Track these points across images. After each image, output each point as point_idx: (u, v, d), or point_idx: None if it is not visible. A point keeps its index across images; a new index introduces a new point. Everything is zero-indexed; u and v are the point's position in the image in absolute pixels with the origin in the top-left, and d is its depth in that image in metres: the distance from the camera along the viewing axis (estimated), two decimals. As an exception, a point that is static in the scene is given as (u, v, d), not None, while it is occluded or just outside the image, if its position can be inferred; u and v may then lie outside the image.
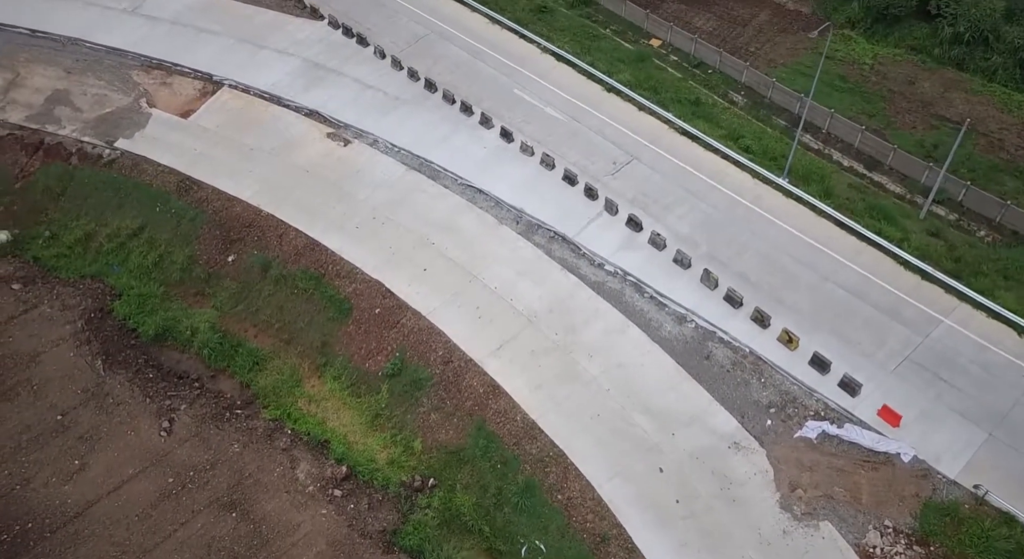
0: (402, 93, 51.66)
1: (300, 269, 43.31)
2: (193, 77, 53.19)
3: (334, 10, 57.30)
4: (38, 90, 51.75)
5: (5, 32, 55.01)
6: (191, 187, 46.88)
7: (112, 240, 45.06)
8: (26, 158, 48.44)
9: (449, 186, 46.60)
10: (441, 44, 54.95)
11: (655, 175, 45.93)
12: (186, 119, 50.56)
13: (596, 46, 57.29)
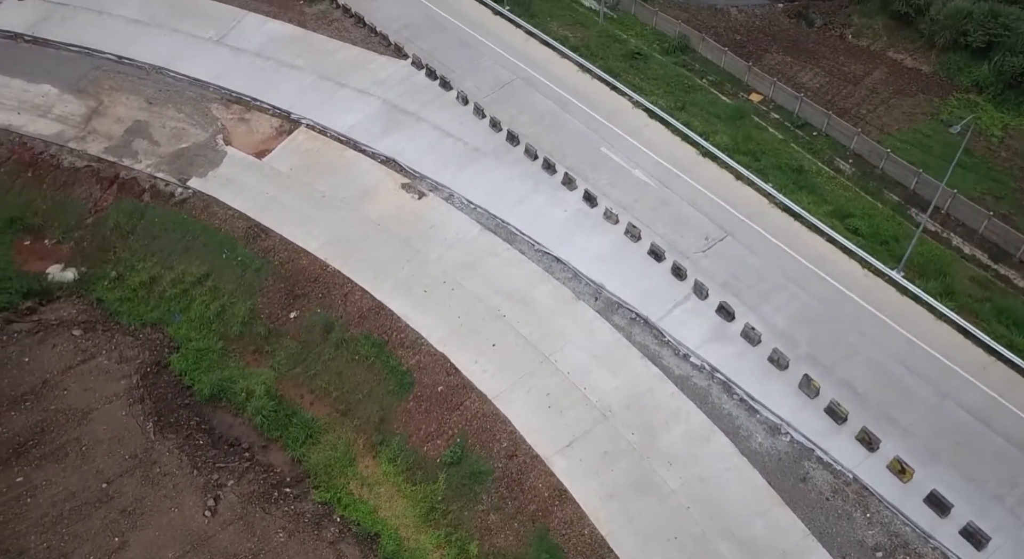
0: (482, 144, 48.22)
1: (363, 334, 40.27)
2: (272, 114, 50.94)
3: (419, 49, 54.31)
4: (119, 120, 50.30)
5: (93, 57, 53.87)
6: (259, 234, 44.44)
7: (176, 286, 42.94)
8: (100, 192, 46.90)
9: (525, 252, 42.87)
10: (526, 92, 51.30)
11: (751, 256, 41.19)
12: (261, 159, 48.26)
13: (691, 99, 52.74)
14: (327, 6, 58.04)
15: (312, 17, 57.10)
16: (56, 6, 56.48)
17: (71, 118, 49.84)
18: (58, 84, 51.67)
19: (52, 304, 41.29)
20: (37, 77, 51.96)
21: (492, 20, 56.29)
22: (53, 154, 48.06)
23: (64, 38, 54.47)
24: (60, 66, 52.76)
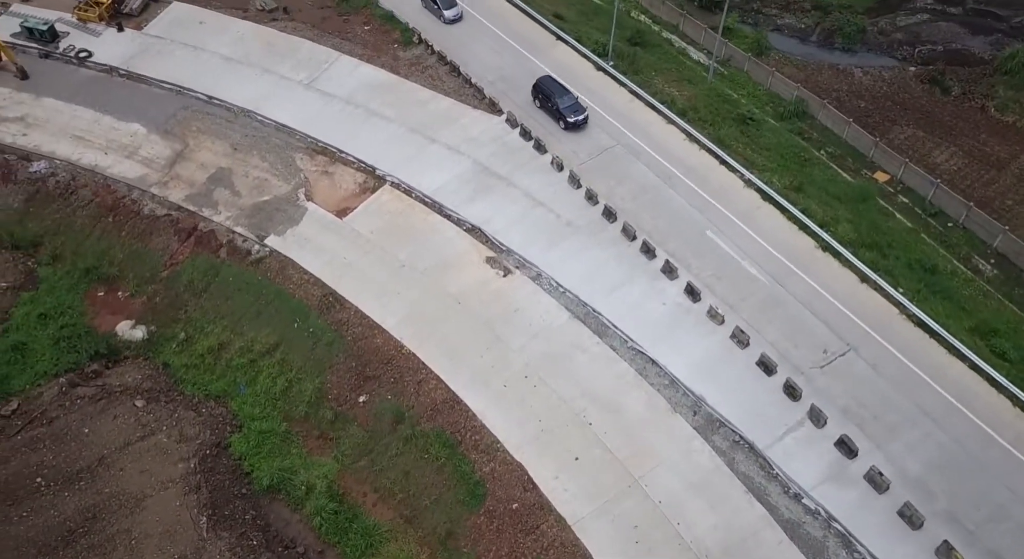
0: (576, 217, 43.85)
1: (435, 430, 36.45)
2: (356, 167, 47.82)
3: (514, 104, 50.35)
4: (202, 166, 48.07)
5: (184, 96, 51.96)
6: (334, 304, 41.24)
7: (244, 354, 40.09)
8: (178, 244, 44.64)
9: (617, 348, 38.28)
10: (627, 160, 46.67)
11: (878, 378, 35.53)
12: (342, 219, 45.13)
13: (808, 175, 47.16)
14: (422, 51, 54.75)
15: (406, 62, 53.91)
16: (154, 40, 54.94)
17: (156, 161, 47.90)
18: (147, 123, 49.88)
19: (118, 367, 39.02)
20: (127, 115, 50.30)
21: (594, 76, 51.90)
22: (135, 199, 46.12)
23: (157, 74, 52.76)
24: (151, 104, 51.01)
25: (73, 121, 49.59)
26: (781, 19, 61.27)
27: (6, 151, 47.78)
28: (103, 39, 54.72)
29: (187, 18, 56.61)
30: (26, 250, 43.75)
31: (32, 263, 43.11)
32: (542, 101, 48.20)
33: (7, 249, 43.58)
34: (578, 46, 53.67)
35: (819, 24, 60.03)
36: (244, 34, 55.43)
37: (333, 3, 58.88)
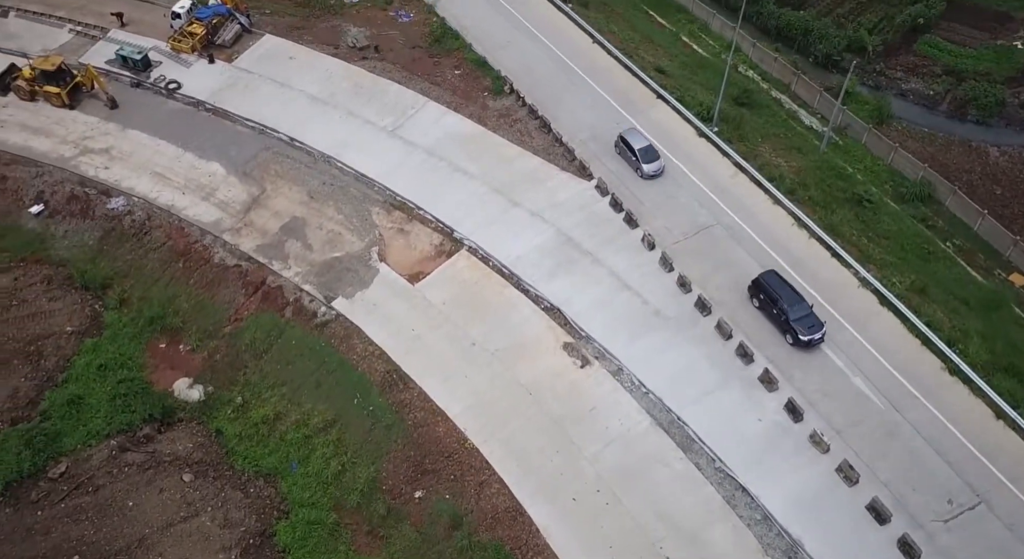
0: (666, 306, 39.65)
1: (494, 542, 32.87)
2: (434, 227, 44.85)
3: (606, 169, 46.51)
4: (277, 214, 46.01)
5: (267, 136, 50.19)
6: (397, 383, 38.24)
7: (300, 428, 37.51)
8: (244, 298, 42.59)
9: (703, 467, 33.91)
10: (727, 244, 42.15)
11: (1016, 543, 30.04)
12: (414, 284, 42.19)
13: (932, 272, 41.60)
14: (513, 102, 51.49)
15: (495, 113, 50.75)
16: (243, 73, 53.51)
17: (232, 205, 46.12)
18: (227, 163, 48.25)
19: (170, 431, 37.04)
20: (209, 153, 48.81)
21: (696, 143, 47.53)
22: (207, 245, 44.37)
23: (242, 111, 51.19)
24: (233, 142, 49.40)
25: (155, 157, 48.37)
26: (907, 83, 55.38)
27: (88, 184, 46.80)
28: (193, 70, 53.59)
29: (278, 52, 55.00)
30: (95, 291, 42.39)
31: (99, 306, 41.74)
32: (762, 303, 37.86)
33: (77, 289, 42.31)
34: (679, 107, 49.36)
35: (950, 92, 53.90)
36: (333, 72, 53.39)
37: (425, 43, 56.33)
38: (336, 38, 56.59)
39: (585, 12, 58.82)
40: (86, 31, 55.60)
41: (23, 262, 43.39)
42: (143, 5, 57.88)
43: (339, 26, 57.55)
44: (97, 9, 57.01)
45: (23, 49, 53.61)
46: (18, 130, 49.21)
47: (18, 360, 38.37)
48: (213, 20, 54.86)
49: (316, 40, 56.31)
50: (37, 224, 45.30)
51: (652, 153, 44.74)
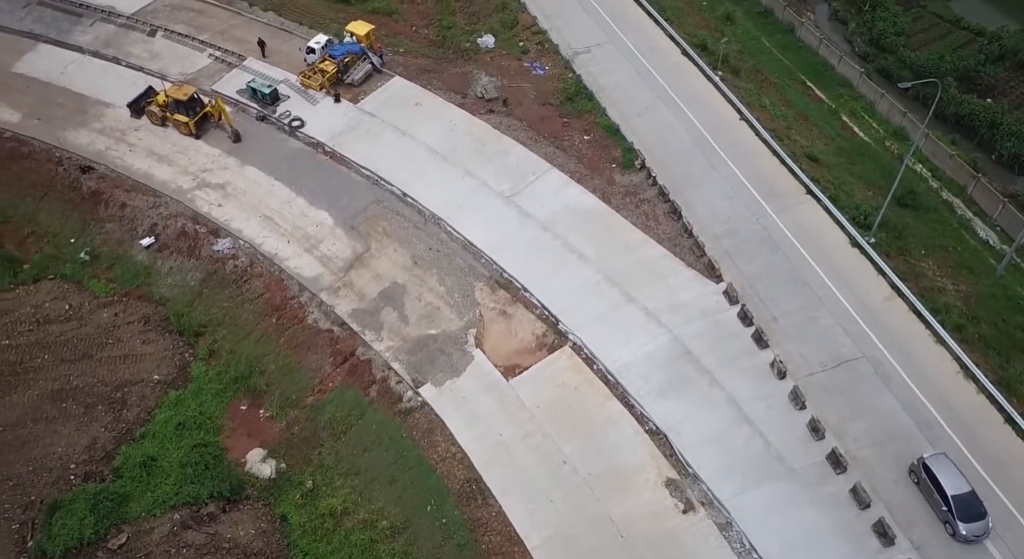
0: (792, 453, 34.10)
1: None
2: (538, 314, 41.07)
3: (738, 271, 41.26)
4: (378, 277, 43.55)
5: (379, 187, 48.00)
6: (476, 496, 34.67)
7: (367, 529, 34.60)
8: (331, 367, 40.31)
9: None
10: (874, 385, 36.04)
11: None
12: (508, 379, 38.55)
13: None
14: (642, 179, 47.04)
15: (621, 190, 46.47)
16: (366, 117, 51.67)
17: (334, 261, 44.08)
18: (336, 213, 46.33)
19: (235, 512, 34.98)
20: (320, 199, 47.08)
21: (848, 254, 41.57)
22: (303, 303, 42.46)
23: (359, 157, 49.27)
24: (345, 191, 47.50)
25: (268, 198, 47.10)
26: (1114, 202, 46.84)
27: (199, 221, 46.02)
28: (318, 108, 52.24)
29: (404, 96, 52.87)
30: (188, 338, 41.24)
31: (189, 355, 40.52)
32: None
33: (171, 333, 41.32)
34: (831, 208, 43.37)
35: None
36: (456, 124, 50.67)
37: (557, 101, 52.74)
38: (465, 86, 53.91)
39: (735, 80, 53.57)
40: (224, 57, 55.41)
41: (126, 297, 42.86)
42: (281, 34, 57.30)
43: (470, 73, 54.88)
44: (239, 35, 56.84)
45: (163, 70, 53.92)
46: (144, 156, 49.18)
47: (103, 406, 37.52)
48: (345, 58, 53.38)
49: (445, 86, 53.83)
50: (146, 257, 44.83)
51: (975, 506, 30.44)
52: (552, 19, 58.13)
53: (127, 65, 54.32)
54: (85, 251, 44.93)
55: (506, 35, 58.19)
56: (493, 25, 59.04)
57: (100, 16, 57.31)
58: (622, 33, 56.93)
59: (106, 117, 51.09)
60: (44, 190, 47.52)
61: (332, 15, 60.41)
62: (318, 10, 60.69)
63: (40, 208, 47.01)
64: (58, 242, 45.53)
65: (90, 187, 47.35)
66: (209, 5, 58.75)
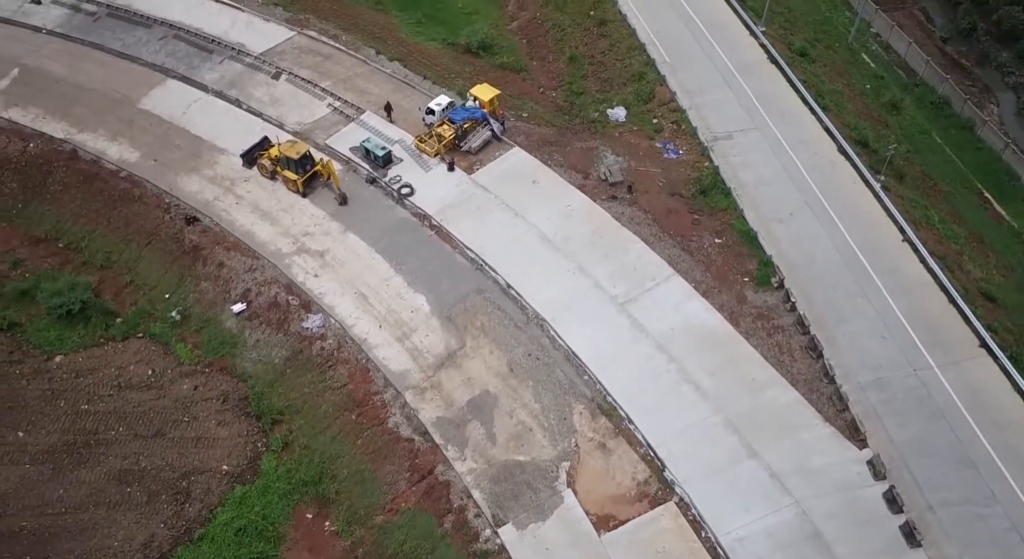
0: None
1: None
2: (642, 454, 35.94)
3: (890, 440, 34.69)
4: (469, 382, 39.62)
5: (483, 274, 44.15)
6: None
7: None
8: (407, 484, 36.64)
9: None
10: (1057, 630, 28.74)
11: None
12: (600, 533, 33.62)
13: None
14: (779, 301, 41.03)
15: (751, 311, 40.62)
16: (478, 190, 48.10)
17: (425, 356, 40.54)
18: (433, 300, 42.83)
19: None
20: (418, 281, 43.74)
21: (1030, 439, 34.01)
22: (386, 402, 39.14)
23: (466, 236, 45.69)
24: (447, 273, 43.97)
25: (365, 273, 44.16)
26: None
27: (293, 291, 43.63)
28: (430, 175, 49.09)
29: (522, 171, 48.94)
30: (264, 424, 38.64)
31: (262, 445, 37.90)
32: None
33: (248, 415, 38.89)
34: (1012, 371, 36.01)
35: None
36: (574, 210, 46.22)
37: (688, 193, 47.41)
38: (589, 164, 49.40)
39: (899, 188, 46.52)
40: (343, 108, 53.26)
41: (209, 367, 40.83)
42: (404, 88, 54.69)
43: (595, 149, 50.33)
44: (361, 85, 54.62)
45: (282, 118, 52.32)
46: (249, 210, 47.42)
47: (166, 496, 35.33)
48: (465, 124, 49.95)
49: (566, 162, 49.53)
50: (235, 324, 42.76)
51: None
52: (693, 96, 52.75)
53: (247, 109, 52.93)
54: (177, 310, 43.31)
55: (639, 109, 53.33)
56: (627, 96, 54.30)
57: (230, 54, 56.41)
58: (770, 119, 50.86)
59: (219, 164, 49.74)
60: (149, 238, 46.42)
61: (458, 68, 57.39)
62: (445, 62, 57.79)
63: (142, 256, 45.90)
64: (153, 296, 44.16)
65: (192, 241, 45.86)
66: (336, 50, 56.86)
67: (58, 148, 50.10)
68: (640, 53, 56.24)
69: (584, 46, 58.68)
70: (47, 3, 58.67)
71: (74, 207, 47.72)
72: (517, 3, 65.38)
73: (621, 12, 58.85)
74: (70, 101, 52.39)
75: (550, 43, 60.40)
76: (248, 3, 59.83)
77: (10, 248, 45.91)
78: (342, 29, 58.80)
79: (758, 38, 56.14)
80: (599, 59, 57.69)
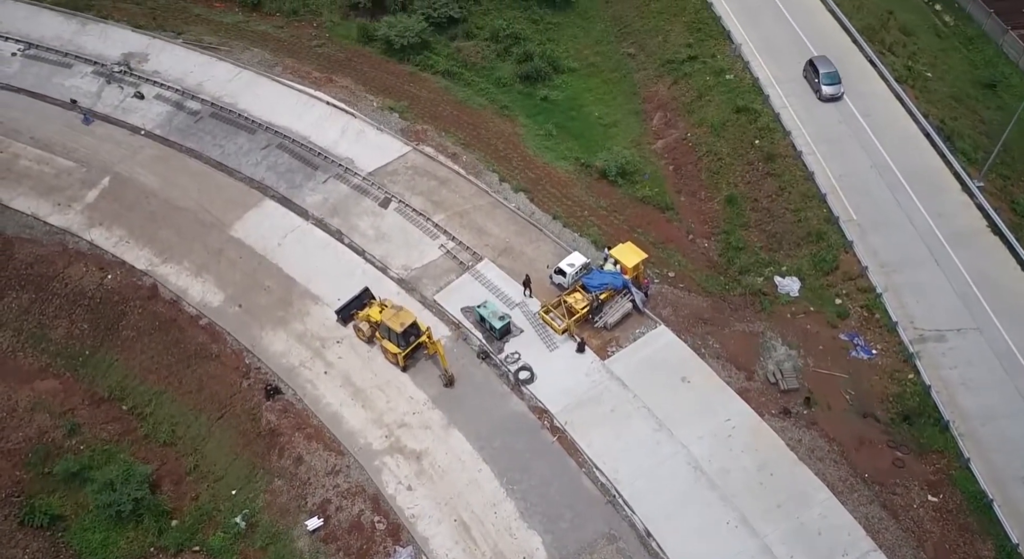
0: None
1: None
2: None
3: None
4: None
5: (617, 512, 34.74)
6: None
7: None
8: None
9: None
10: None
11: None
12: None
13: None
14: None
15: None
16: (612, 383, 39.06)
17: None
18: (550, 543, 33.93)
19: None
20: (535, 512, 34.94)
21: None
22: None
23: (594, 451, 36.72)
24: (569, 504, 34.96)
25: (469, 491, 35.60)
26: None
27: (380, 509, 35.80)
28: (555, 356, 40.24)
29: (668, 361, 39.46)
30: None
31: None
32: None
33: None
34: None
35: None
36: (735, 427, 36.47)
37: (887, 416, 36.82)
38: (753, 356, 39.27)
39: None
40: (457, 252, 45.14)
41: (271, 606, 32.82)
42: (528, 229, 46.17)
43: (761, 335, 40.17)
44: (480, 222, 46.50)
45: (387, 258, 44.90)
46: (339, 385, 39.71)
47: None
48: (601, 294, 40.73)
49: (724, 352, 39.60)
50: (308, 545, 34.93)
51: None
52: (890, 272, 41.77)
53: (349, 244, 45.71)
54: (243, 514, 35.88)
55: (818, 282, 42.77)
56: (801, 261, 43.82)
57: (336, 171, 49.52)
58: (997, 317, 39.37)
59: (310, 317, 42.42)
60: (222, 409, 39.40)
61: (592, 202, 48.49)
62: (577, 193, 48.99)
63: (211, 434, 38.91)
64: (218, 491, 36.94)
65: (270, 421, 38.52)
66: (455, 174, 49.05)
67: (137, 282, 44.07)
68: (819, 204, 45.72)
69: (746, 185, 48.61)
70: (150, 97, 53.53)
71: (145, 360, 41.28)
72: (663, 118, 56.02)
73: (795, 147, 48.44)
74: (158, 222, 46.53)
75: (702, 174, 50.64)
76: (362, 105, 52.98)
77: (70, 408, 39.81)
78: (462, 145, 51.03)
79: (974, 196, 44.55)
80: (765, 205, 47.43)
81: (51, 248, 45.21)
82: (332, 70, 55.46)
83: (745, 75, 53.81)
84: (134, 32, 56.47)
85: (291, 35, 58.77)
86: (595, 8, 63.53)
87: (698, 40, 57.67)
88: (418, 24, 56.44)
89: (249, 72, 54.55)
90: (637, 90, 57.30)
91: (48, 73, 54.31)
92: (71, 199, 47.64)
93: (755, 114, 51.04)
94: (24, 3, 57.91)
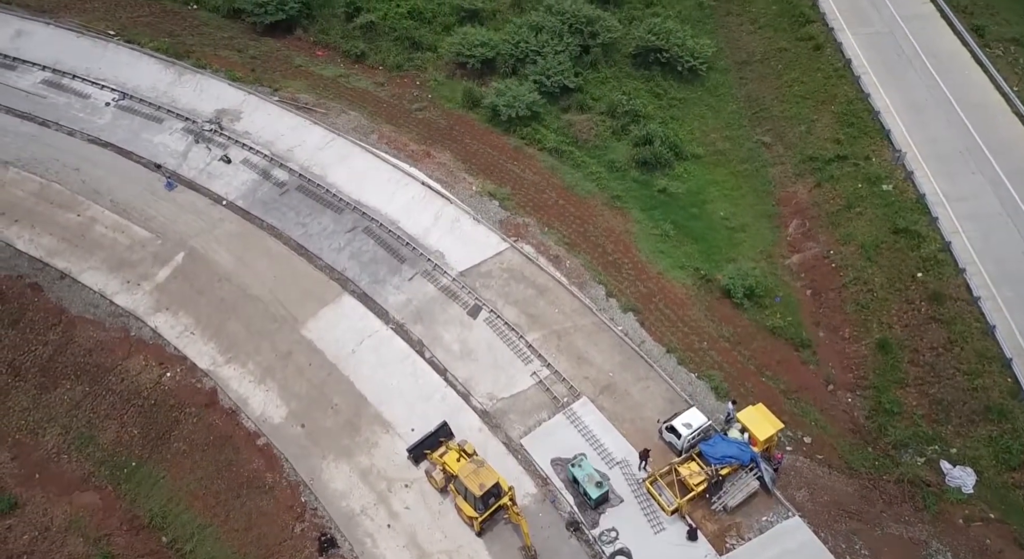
0: None
1: None
2: None
3: None
4: None
5: None
6: None
7: None
8: None
9: None
10: None
11: None
12: None
13: None
14: None
15: None
16: None
17: None
18: None
19: None
20: None
21: None
22: None
23: None
24: None
25: None
26: None
27: None
28: (660, 539, 33.16)
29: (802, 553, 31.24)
30: None
31: None
32: None
33: None
34: None
35: None
36: None
37: None
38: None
39: None
40: (550, 384, 38.62)
41: None
42: (636, 362, 39.43)
43: (925, 546, 32.02)
44: (580, 347, 40.08)
45: (470, 382, 39.08)
46: (402, 545, 33.81)
47: None
48: (723, 468, 33.17)
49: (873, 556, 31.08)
50: None
51: None
52: (1101, 481, 32.33)
53: (430, 360, 39.90)
54: None
55: (1000, 477, 34.07)
56: (977, 444, 35.17)
57: (424, 267, 43.90)
58: None
59: (379, 448, 36.74)
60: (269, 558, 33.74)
61: (713, 328, 41.14)
62: (695, 317, 41.61)
63: (254, 587, 33.25)
64: None
65: (320, 583, 32.56)
66: (555, 282, 42.56)
67: (197, 384, 39.53)
68: (1001, 370, 36.82)
69: (903, 328, 40.07)
70: (237, 162, 49.46)
71: (193, 482, 36.49)
72: (801, 226, 47.97)
73: (970, 289, 39.56)
74: (227, 312, 41.99)
75: (847, 306, 42.36)
76: (459, 188, 47.35)
77: (106, 532, 35.37)
78: (567, 245, 44.53)
79: None
80: (928, 359, 38.74)
81: (113, 333, 41.23)
82: (431, 141, 50.16)
83: (907, 187, 45.27)
84: (230, 85, 52.76)
85: (392, 95, 53.91)
86: (727, 85, 56.11)
87: (849, 136, 49.48)
88: (529, 94, 50.53)
89: (343, 140, 49.89)
90: (771, 188, 49.59)
91: (139, 127, 51.13)
92: (141, 276, 43.70)
93: (919, 239, 42.52)
94: (126, 48, 55.19)
